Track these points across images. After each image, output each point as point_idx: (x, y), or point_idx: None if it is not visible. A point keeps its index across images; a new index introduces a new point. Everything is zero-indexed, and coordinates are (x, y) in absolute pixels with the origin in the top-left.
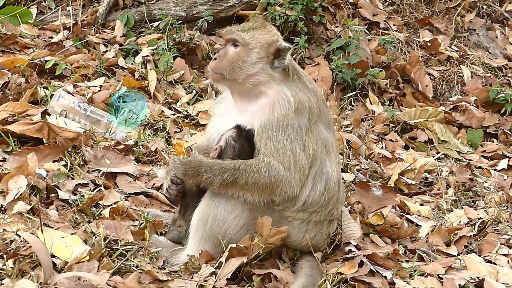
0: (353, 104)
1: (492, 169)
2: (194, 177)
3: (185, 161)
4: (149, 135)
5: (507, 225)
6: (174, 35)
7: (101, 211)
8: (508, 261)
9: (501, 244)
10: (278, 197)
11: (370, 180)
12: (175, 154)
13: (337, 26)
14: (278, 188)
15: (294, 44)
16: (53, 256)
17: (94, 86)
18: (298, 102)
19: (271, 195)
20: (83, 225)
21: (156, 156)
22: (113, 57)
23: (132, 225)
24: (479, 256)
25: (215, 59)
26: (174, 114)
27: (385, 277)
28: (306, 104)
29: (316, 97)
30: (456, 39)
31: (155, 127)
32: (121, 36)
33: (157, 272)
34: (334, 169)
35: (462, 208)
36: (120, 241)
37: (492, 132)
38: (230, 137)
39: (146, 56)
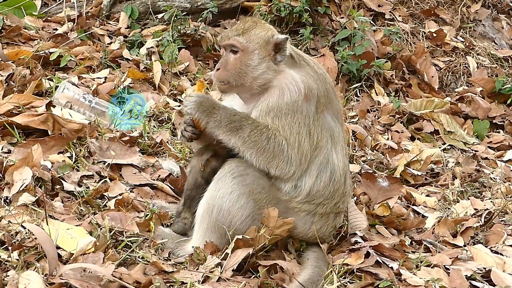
0: (358, 95)
1: (498, 160)
2: (206, 114)
3: (201, 96)
4: (154, 126)
5: None
6: (179, 27)
7: (106, 202)
8: None
9: (507, 235)
10: (274, 170)
11: (376, 171)
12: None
13: (342, 17)
14: (275, 159)
15: (299, 36)
16: (58, 247)
17: (98, 77)
18: (308, 89)
19: (267, 164)
20: (88, 217)
21: (161, 148)
22: (117, 48)
23: (138, 216)
24: (486, 247)
25: (218, 69)
26: (179, 106)
27: (392, 268)
28: (315, 91)
29: (325, 84)
30: (461, 29)
31: (160, 118)
32: (125, 28)
33: (163, 263)
34: (341, 160)
35: (469, 199)
36: (125, 232)
37: (498, 123)
38: None
39: (151, 47)
